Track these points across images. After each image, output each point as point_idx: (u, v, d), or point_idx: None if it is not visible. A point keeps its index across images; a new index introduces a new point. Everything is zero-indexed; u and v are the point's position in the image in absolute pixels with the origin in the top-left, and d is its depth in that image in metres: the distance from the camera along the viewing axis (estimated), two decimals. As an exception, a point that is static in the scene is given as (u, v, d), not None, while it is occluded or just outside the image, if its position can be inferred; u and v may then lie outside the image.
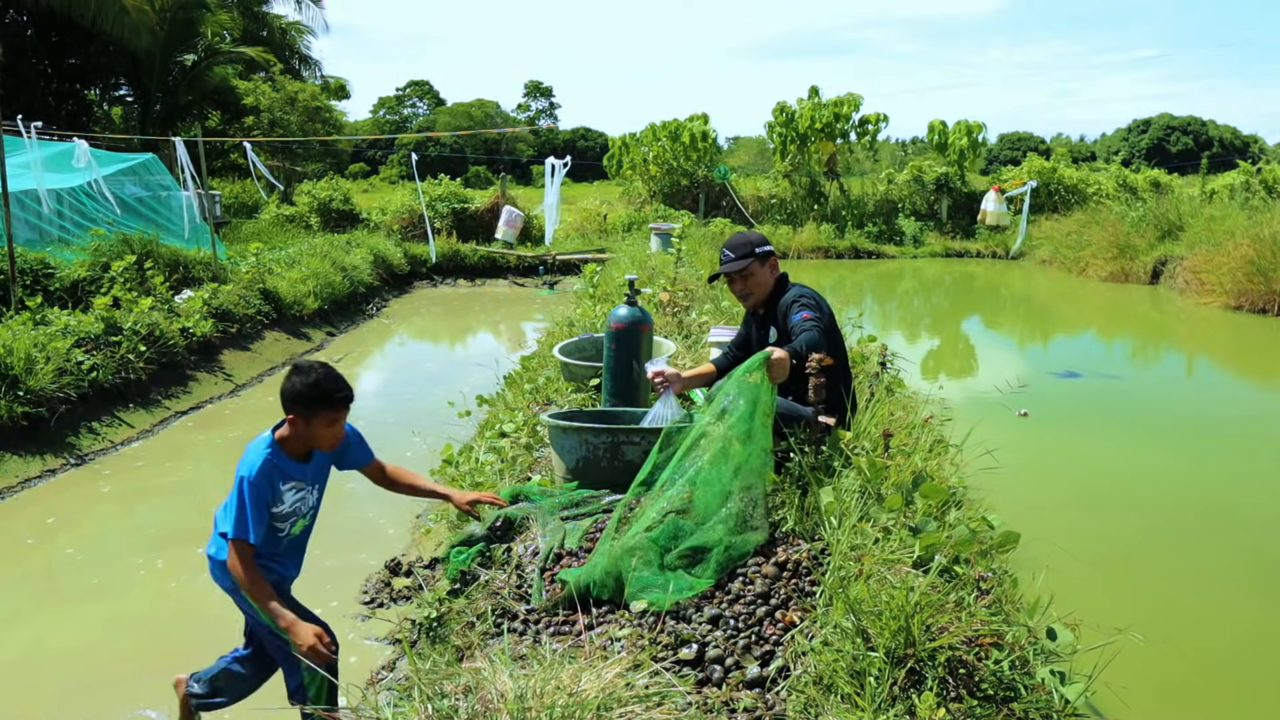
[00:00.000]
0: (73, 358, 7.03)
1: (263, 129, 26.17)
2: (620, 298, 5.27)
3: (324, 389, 2.77)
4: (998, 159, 44.86)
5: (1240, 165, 24.20)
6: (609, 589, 2.79)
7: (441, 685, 2.27)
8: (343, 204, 19.79)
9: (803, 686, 2.34)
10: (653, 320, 4.56)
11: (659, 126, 23.15)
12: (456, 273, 17.11)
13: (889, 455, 3.30)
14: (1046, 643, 2.46)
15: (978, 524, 2.90)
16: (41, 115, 16.59)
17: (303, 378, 2.78)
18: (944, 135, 22.89)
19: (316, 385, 2.76)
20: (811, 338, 3.46)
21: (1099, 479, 5.94)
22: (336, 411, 2.82)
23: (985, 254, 20.70)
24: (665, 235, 12.87)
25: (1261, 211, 14.91)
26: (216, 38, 24.61)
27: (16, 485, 5.86)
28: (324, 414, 2.78)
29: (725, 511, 2.93)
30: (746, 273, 3.88)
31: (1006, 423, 6.91)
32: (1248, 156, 35.67)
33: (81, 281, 9.57)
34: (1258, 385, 9.46)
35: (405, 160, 36.58)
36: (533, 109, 64.70)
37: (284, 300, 10.90)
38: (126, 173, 13.41)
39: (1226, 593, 4.37)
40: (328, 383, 2.79)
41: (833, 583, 2.58)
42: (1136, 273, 15.71)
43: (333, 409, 2.80)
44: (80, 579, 4.57)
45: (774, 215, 22.53)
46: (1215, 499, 5.61)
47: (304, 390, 2.76)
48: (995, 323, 13.52)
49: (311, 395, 2.76)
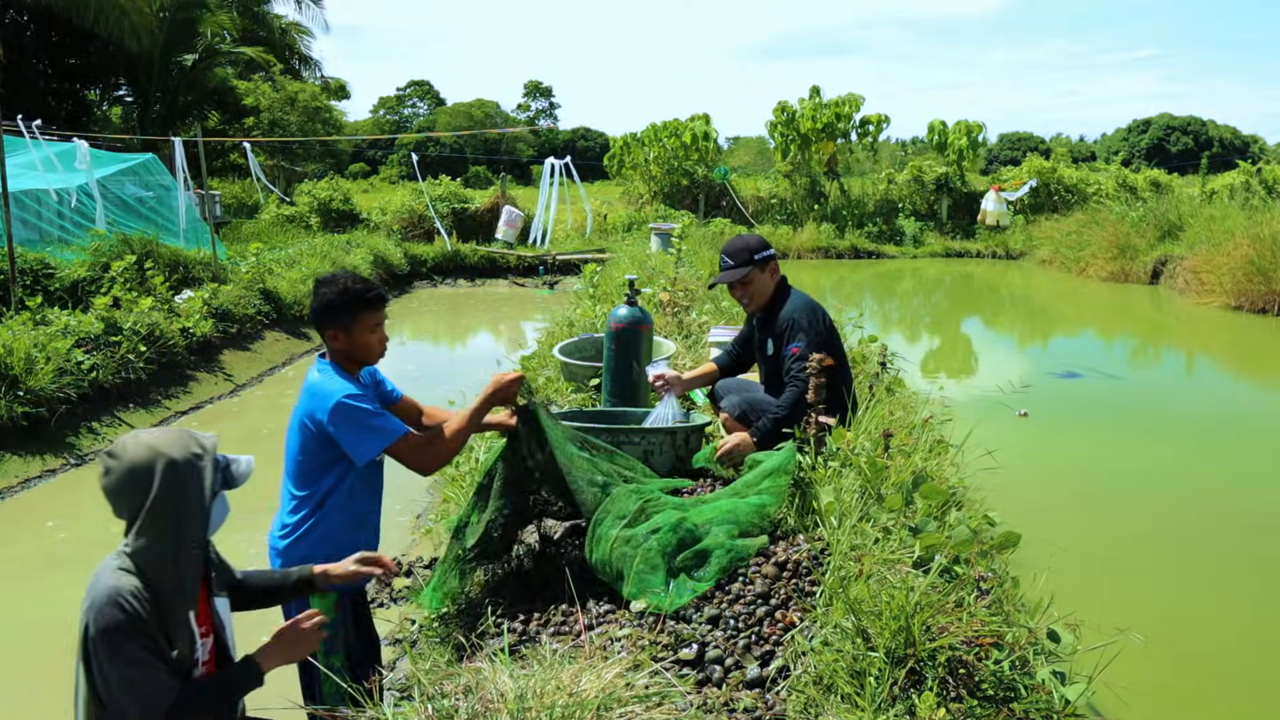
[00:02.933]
0: (73, 358, 7.03)
1: (263, 129, 26.19)
2: (620, 298, 5.26)
3: (354, 291, 2.67)
4: (998, 159, 44.87)
5: (1240, 165, 24.21)
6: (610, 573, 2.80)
7: (442, 685, 2.27)
8: (343, 204, 19.80)
9: (803, 686, 2.34)
10: (653, 320, 4.55)
11: (659, 126, 23.14)
12: (456, 273, 17.11)
13: (889, 455, 3.29)
14: (1047, 643, 2.46)
15: (978, 524, 2.90)
16: (41, 115, 16.59)
17: (330, 288, 2.67)
18: (944, 135, 22.89)
19: (346, 290, 2.66)
20: (792, 396, 3.59)
21: (1099, 479, 5.94)
22: (375, 312, 2.72)
23: (985, 254, 20.70)
24: (665, 235, 12.86)
25: (1261, 211, 14.90)
26: (216, 38, 24.61)
27: (16, 485, 5.87)
28: (364, 318, 2.69)
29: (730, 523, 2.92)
30: (746, 280, 3.87)
31: (1007, 423, 6.91)
32: (1248, 156, 35.69)
33: (81, 281, 9.57)
34: (1258, 385, 9.46)
35: (405, 160, 36.59)
36: (533, 109, 64.74)
37: (284, 300, 10.90)
38: (126, 173, 13.42)
39: (1227, 593, 4.37)
40: (356, 284, 2.68)
41: (833, 583, 2.58)
42: (1136, 273, 15.71)
43: (370, 310, 2.70)
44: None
45: (774, 215, 22.53)
46: (1216, 499, 5.61)
47: (335, 299, 2.66)
48: (995, 323, 13.52)
49: (344, 301, 2.67)
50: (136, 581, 1.95)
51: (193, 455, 2.03)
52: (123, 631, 1.90)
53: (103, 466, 2.01)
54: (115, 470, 1.98)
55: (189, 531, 2.01)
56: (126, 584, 1.93)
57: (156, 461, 1.98)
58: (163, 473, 1.97)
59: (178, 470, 1.99)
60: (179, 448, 2.02)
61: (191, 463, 2.02)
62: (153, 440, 2.02)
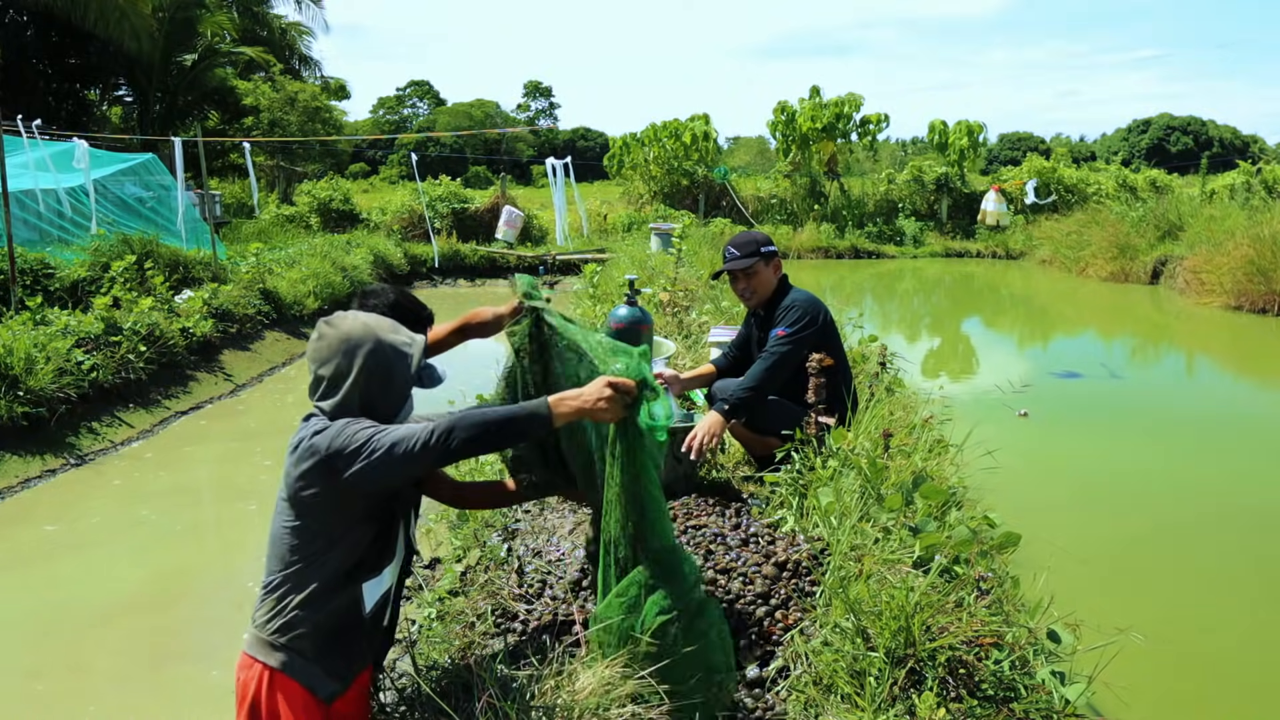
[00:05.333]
0: (73, 358, 7.02)
1: (263, 129, 26.17)
2: (620, 298, 5.26)
3: (404, 308, 2.47)
4: (998, 159, 44.85)
5: (1240, 165, 24.19)
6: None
7: (442, 685, 2.27)
8: (343, 204, 19.79)
9: (803, 686, 2.34)
10: (653, 320, 4.55)
11: (659, 127, 23.14)
12: (457, 273, 17.12)
13: (889, 455, 3.29)
14: (1047, 643, 2.46)
15: (978, 524, 2.90)
16: (41, 115, 16.59)
17: (379, 299, 2.48)
18: (944, 135, 22.89)
19: (396, 305, 2.47)
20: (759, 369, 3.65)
21: (1099, 479, 5.94)
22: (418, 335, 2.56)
23: (985, 254, 20.70)
24: (665, 235, 12.85)
25: (1261, 211, 14.90)
26: (216, 38, 24.60)
27: (16, 485, 5.86)
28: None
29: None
30: (751, 271, 3.88)
31: (1007, 423, 6.90)
32: (1248, 156, 35.68)
33: (81, 281, 9.56)
34: (1257, 385, 9.46)
35: (405, 160, 36.59)
36: (533, 109, 64.73)
37: (284, 300, 10.90)
38: (126, 173, 13.42)
39: (1227, 593, 4.37)
40: (408, 301, 2.50)
41: (833, 583, 2.58)
42: (1136, 273, 15.70)
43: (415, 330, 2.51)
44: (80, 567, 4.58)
45: (774, 215, 22.52)
46: (1216, 499, 5.60)
47: (385, 312, 2.47)
48: (995, 323, 13.52)
49: (392, 317, 2.48)
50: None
51: (402, 343, 2.10)
52: (352, 426, 1.98)
53: (316, 332, 2.09)
54: (329, 336, 2.06)
55: (382, 410, 2.06)
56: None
57: (368, 338, 2.05)
58: (371, 350, 2.04)
59: (384, 352, 2.06)
60: (391, 333, 2.09)
61: (399, 349, 2.08)
62: (369, 320, 2.10)
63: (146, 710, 3.47)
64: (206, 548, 5.28)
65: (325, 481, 1.97)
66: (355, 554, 2.05)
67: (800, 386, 3.58)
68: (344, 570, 2.04)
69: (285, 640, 2.02)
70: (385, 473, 1.95)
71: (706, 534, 3.14)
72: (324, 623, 2.03)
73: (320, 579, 2.02)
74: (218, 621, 4.14)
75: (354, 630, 2.08)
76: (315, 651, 2.02)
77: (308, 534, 2.02)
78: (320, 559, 2.02)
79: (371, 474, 1.95)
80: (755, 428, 3.82)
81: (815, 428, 3.46)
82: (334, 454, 1.95)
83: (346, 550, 2.04)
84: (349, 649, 2.08)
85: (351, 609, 2.06)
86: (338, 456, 1.95)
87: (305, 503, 2.01)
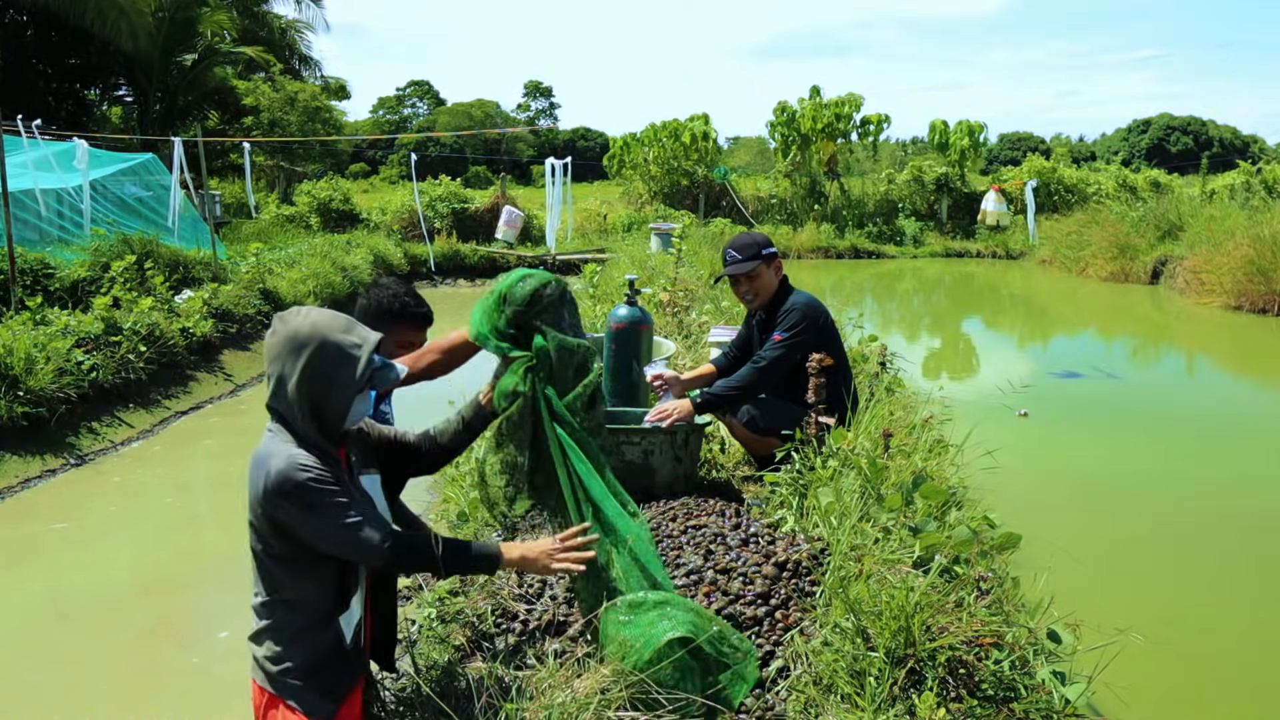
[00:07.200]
0: (73, 358, 7.02)
1: (262, 129, 26.17)
2: (620, 298, 5.26)
3: (404, 302, 2.60)
4: (998, 159, 44.85)
5: (1240, 165, 24.21)
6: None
7: (442, 685, 2.27)
8: (342, 204, 19.80)
9: (803, 687, 2.34)
10: (653, 320, 4.55)
11: (659, 127, 23.14)
12: (457, 273, 17.12)
13: (889, 455, 3.29)
14: (1047, 643, 2.46)
15: (978, 524, 2.90)
16: (41, 115, 16.59)
17: (382, 291, 2.60)
18: (945, 135, 22.89)
19: (397, 297, 2.59)
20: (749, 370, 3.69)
21: (1099, 479, 5.94)
22: (418, 331, 2.65)
23: (985, 254, 20.70)
24: (665, 235, 12.85)
25: (1261, 211, 14.90)
26: (216, 38, 24.60)
27: (16, 485, 5.86)
28: (402, 328, 2.64)
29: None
30: (753, 274, 3.88)
31: (1007, 423, 6.90)
32: (1248, 156, 35.68)
33: (81, 281, 9.56)
34: (1257, 385, 9.46)
35: (405, 160, 36.55)
36: (533, 109, 64.73)
37: (284, 300, 10.90)
38: (126, 173, 13.42)
39: (1227, 593, 4.37)
40: (410, 297, 2.60)
41: (833, 583, 2.58)
42: (1136, 273, 15.70)
43: (412, 325, 2.65)
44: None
45: (774, 215, 22.52)
46: (1216, 499, 5.60)
47: (387, 302, 2.61)
48: (995, 323, 13.52)
49: (392, 307, 2.62)
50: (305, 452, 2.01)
51: (350, 344, 2.04)
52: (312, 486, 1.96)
53: (271, 329, 2.06)
54: (279, 334, 2.03)
55: (327, 413, 2.03)
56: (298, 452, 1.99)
57: (313, 339, 2.00)
58: (314, 351, 1.99)
59: (328, 353, 2.00)
60: (341, 332, 2.03)
61: (346, 351, 2.02)
62: (319, 318, 2.05)
63: (152, 696, 3.47)
64: (206, 543, 5.28)
65: (279, 526, 2.01)
66: (327, 584, 2.07)
67: (800, 387, 3.58)
68: (321, 610, 2.07)
69: (276, 671, 2.06)
70: (331, 547, 2.00)
71: (706, 534, 3.13)
72: (308, 657, 2.06)
73: (298, 621, 2.06)
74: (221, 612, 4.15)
75: (337, 660, 2.11)
76: (304, 678, 2.06)
77: (273, 560, 2.05)
78: (293, 586, 2.05)
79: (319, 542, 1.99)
80: (755, 428, 3.82)
81: (815, 428, 3.46)
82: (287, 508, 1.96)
83: (314, 586, 2.06)
84: (336, 675, 2.12)
85: (333, 643, 2.09)
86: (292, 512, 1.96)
87: (264, 535, 2.04)
